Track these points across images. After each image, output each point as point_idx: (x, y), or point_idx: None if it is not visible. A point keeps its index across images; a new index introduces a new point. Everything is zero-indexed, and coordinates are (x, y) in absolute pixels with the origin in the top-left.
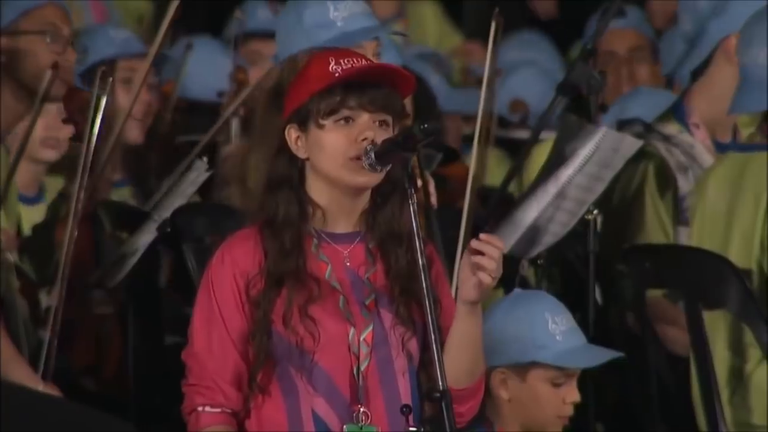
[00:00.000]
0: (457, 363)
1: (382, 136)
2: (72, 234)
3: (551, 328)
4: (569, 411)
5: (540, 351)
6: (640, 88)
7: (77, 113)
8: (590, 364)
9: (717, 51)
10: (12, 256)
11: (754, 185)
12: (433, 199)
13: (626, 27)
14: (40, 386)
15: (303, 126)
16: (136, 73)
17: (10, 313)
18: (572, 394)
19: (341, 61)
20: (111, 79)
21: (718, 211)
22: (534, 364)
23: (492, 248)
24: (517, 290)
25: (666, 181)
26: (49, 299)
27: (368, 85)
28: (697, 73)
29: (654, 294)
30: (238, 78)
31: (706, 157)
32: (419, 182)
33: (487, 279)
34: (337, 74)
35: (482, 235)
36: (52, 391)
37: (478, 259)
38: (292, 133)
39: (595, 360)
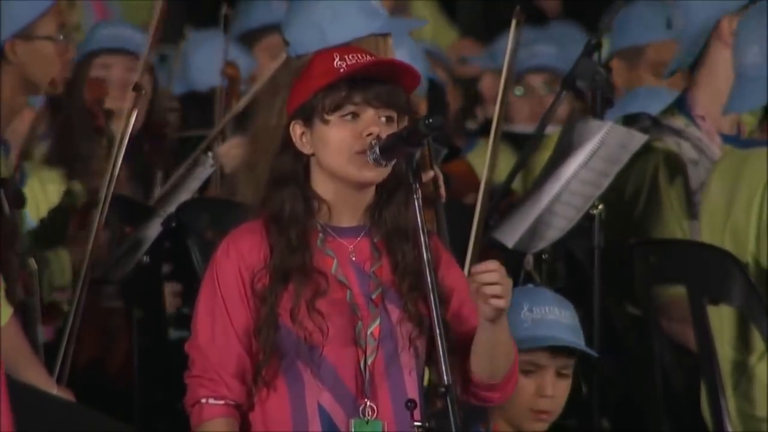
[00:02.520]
0: (479, 362)
1: (387, 131)
2: (97, 238)
3: (523, 316)
4: (543, 405)
5: None
6: (639, 89)
7: (95, 104)
8: (534, 345)
9: (712, 38)
10: (34, 264)
11: (749, 181)
12: (442, 191)
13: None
14: (54, 389)
15: (308, 122)
16: (110, 70)
17: (30, 317)
18: (545, 387)
19: (345, 57)
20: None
21: (718, 207)
22: None
23: (489, 275)
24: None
25: (677, 175)
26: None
27: (373, 81)
28: (696, 66)
29: (675, 293)
30: (228, 73)
31: (714, 150)
32: (430, 174)
33: (500, 303)
34: (341, 70)
35: (475, 268)
36: (65, 394)
37: (485, 290)
38: (296, 129)
39: (547, 342)
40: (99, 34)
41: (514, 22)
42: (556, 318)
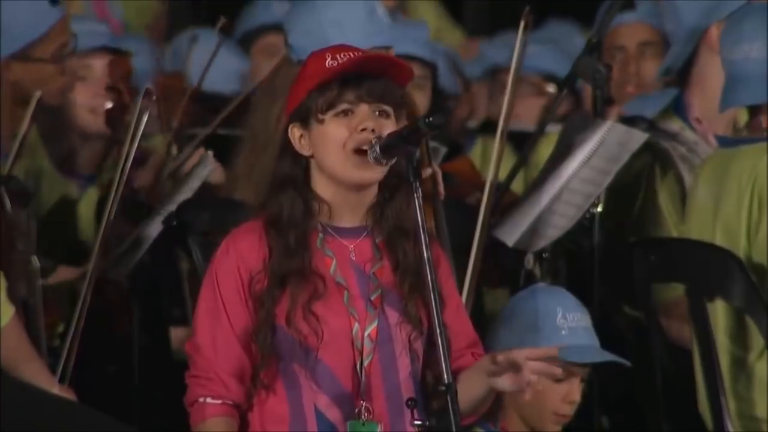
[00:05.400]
0: (464, 406)
1: (382, 126)
2: (105, 234)
3: (559, 323)
4: (568, 410)
5: (542, 342)
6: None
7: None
8: (584, 360)
9: (700, 45)
10: (37, 262)
11: (738, 179)
12: (440, 189)
13: (636, 21)
14: (55, 388)
15: (305, 123)
16: (89, 70)
17: (34, 317)
18: (572, 393)
19: (337, 56)
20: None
21: (706, 206)
22: None
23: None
24: (539, 284)
25: (674, 178)
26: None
27: (366, 77)
28: (685, 71)
29: (676, 294)
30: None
31: (710, 153)
32: (428, 171)
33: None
34: (332, 68)
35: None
36: (67, 393)
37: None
38: (295, 132)
39: (592, 357)
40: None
41: (522, 24)
42: (585, 325)
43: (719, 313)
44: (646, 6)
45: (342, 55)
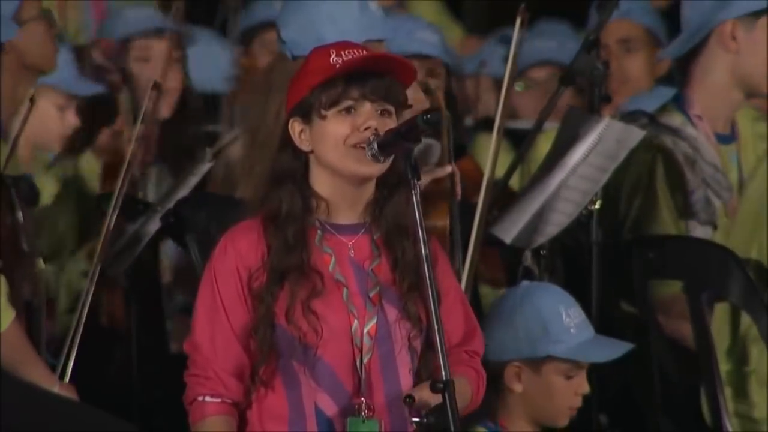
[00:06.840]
0: None
1: (385, 125)
2: (108, 232)
3: (566, 322)
4: (579, 402)
5: (556, 345)
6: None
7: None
8: (606, 358)
9: (710, 39)
10: (42, 264)
11: None
12: (458, 189)
13: (618, 18)
14: (56, 387)
15: (306, 118)
16: (152, 51)
17: (36, 317)
18: (583, 385)
19: (342, 52)
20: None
21: (751, 212)
22: (549, 358)
23: None
24: (525, 283)
25: (675, 174)
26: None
27: (370, 76)
28: (688, 65)
29: (673, 291)
30: (244, 63)
31: (710, 150)
32: (447, 169)
33: None
34: (337, 65)
35: None
36: (68, 392)
37: None
38: (295, 127)
39: (610, 353)
40: (129, 17)
41: (518, 21)
42: (584, 317)
43: (718, 312)
44: (628, 2)
45: (347, 53)
